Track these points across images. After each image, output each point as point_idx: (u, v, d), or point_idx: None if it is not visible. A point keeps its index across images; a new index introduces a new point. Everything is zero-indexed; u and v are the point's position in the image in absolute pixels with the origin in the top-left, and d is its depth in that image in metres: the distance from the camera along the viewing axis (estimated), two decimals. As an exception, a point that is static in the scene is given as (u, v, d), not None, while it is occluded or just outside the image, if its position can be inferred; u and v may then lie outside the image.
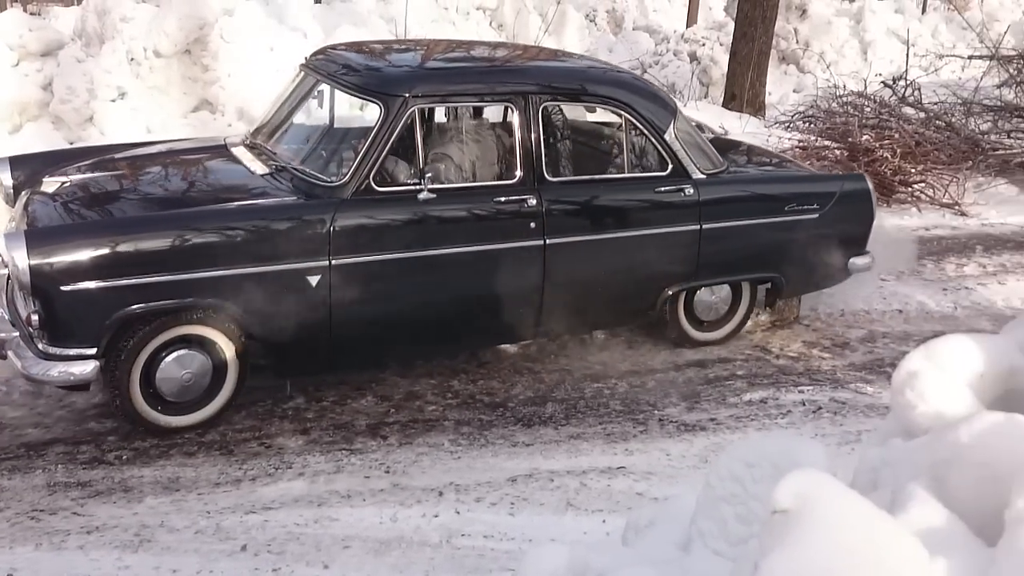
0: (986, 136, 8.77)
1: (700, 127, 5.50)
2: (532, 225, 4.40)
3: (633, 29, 14.08)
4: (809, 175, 5.78)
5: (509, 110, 4.57)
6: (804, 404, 4.58)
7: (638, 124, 4.71)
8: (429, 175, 4.19)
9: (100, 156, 4.81)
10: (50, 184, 4.39)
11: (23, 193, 4.44)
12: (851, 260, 5.28)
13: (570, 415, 4.39)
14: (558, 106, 4.85)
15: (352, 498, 3.66)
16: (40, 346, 3.79)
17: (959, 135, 8.54)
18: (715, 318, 5.16)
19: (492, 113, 5.20)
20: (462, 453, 4.03)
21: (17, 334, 3.90)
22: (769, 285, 5.24)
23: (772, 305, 5.39)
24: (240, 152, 4.68)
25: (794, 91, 12.13)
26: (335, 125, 4.87)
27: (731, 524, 1.90)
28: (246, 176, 4.41)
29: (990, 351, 1.32)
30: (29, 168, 4.67)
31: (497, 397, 4.54)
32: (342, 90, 4.57)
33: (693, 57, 12.33)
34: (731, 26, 10.82)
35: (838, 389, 4.75)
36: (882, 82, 9.91)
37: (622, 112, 4.70)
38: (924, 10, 15.81)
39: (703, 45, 12.27)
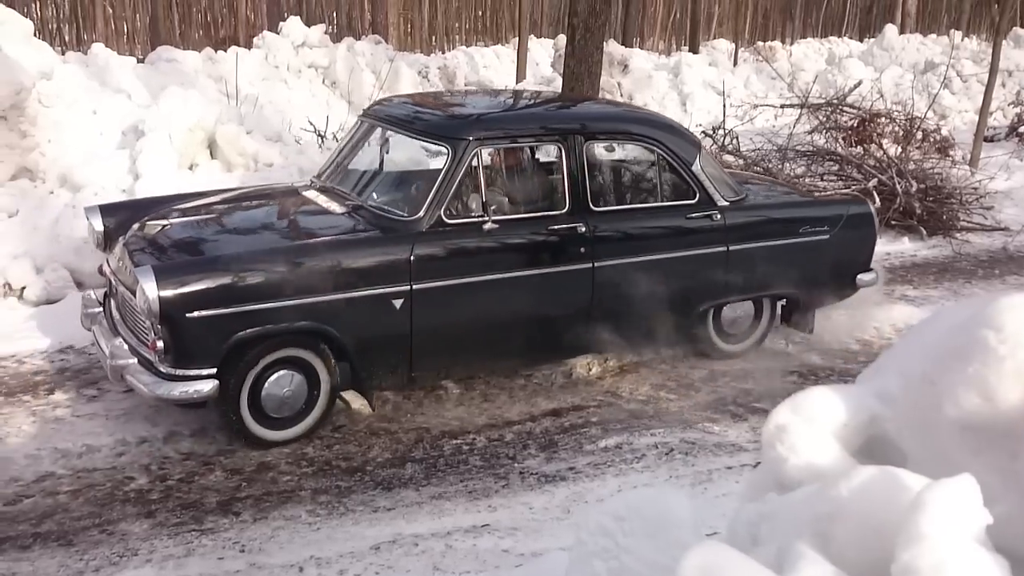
0: (801, 179, 9.38)
1: None
2: (582, 250, 4.95)
3: (465, 85, 14.33)
4: (819, 200, 6.48)
5: (558, 148, 5.05)
6: (657, 447, 4.70)
7: (668, 158, 5.29)
8: (492, 207, 4.74)
9: (184, 203, 5.26)
10: (152, 227, 4.82)
11: (120, 238, 4.86)
12: (859, 276, 5.86)
13: (431, 474, 4.34)
14: (599, 143, 5.37)
15: (206, 582, 3.46)
16: (162, 368, 4.21)
17: (777, 180, 9.09)
18: (739, 332, 5.75)
19: (543, 151, 5.66)
20: (321, 524, 3.89)
21: (135, 360, 4.33)
22: (784, 301, 5.79)
23: (788, 320, 5.88)
24: (312, 195, 5.25)
25: (624, 141, 12.59)
26: (401, 167, 5.60)
27: (606, 580, 1.91)
28: (327, 214, 4.93)
29: (851, 401, 1.39)
30: (118, 216, 5.13)
31: (354, 461, 4.43)
32: (411, 136, 5.17)
33: (526, 110, 12.63)
34: (559, 81, 11.16)
35: (687, 430, 4.90)
36: (703, 132, 10.45)
37: (654, 148, 5.29)
38: (736, 63, 16.85)
39: (535, 99, 12.60)
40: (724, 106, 11.50)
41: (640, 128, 5.35)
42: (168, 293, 4.09)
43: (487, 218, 4.67)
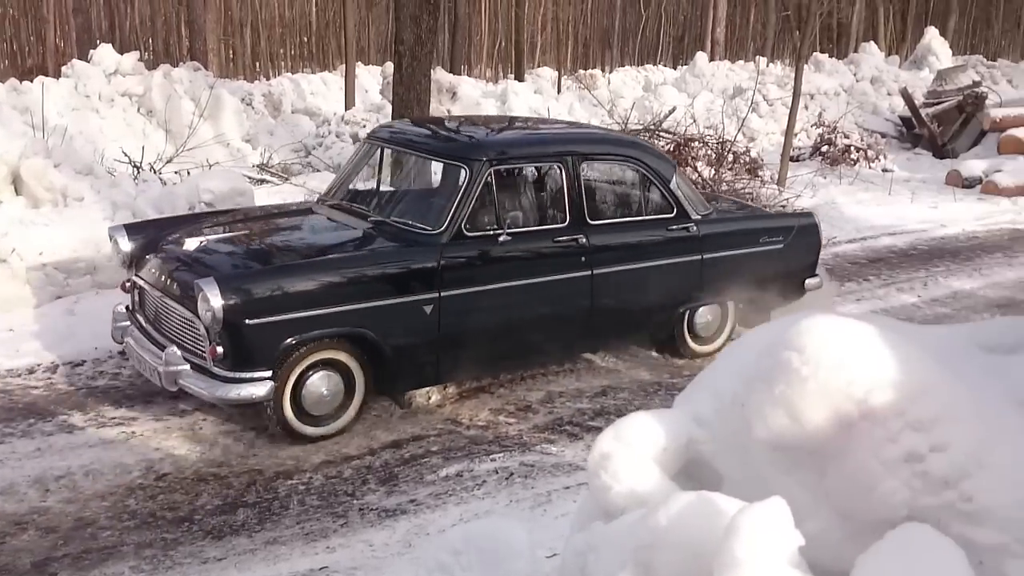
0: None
1: None
2: (582, 259, 5.50)
3: (292, 112, 14.04)
4: (774, 214, 7.49)
5: (558, 168, 5.57)
6: (497, 472, 4.70)
7: (650, 176, 5.89)
8: (506, 221, 5.26)
9: (210, 221, 5.67)
10: (191, 243, 5.12)
11: (152, 254, 5.19)
12: (806, 281, 6.50)
13: (264, 519, 4.17)
14: (592, 164, 5.90)
15: (18, 656, 3.19)
16: (221, 372, 4.57)
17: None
18: (709, 334, 6.26)
19: (545, 171, 6.03)
20: (147, 580, 3.67)
21: (187, 366, 4.66)
22: (741, 305, 6.30)
23: (744, 321, 6.34)
24: (329, 212, 5.67)
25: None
26: (418, 186, 6.15)
27: (446, 617, 1.88)
28: (352, 230, 5.38)
29: (669, 425, 1.42)
30: (144, 234, 5.44)
31: (181, 511, 4.21)
32: (428, 157, 5.81)
33: (355, 138, 12.51)
34: (389, 108, 11.13)
35: (526, 453, 4.94)
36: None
37: (638, 167, 5.90)
38: (560, 90, 17.29)
39: (364, 127, 12.50)
40: (550, 131, 11.75)
41: (626, 150, 6.01)
42: (231, 301, 4.48)
43: (501, 231, 5.20)
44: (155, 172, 9.35)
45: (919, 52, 20.42)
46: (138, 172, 9.02)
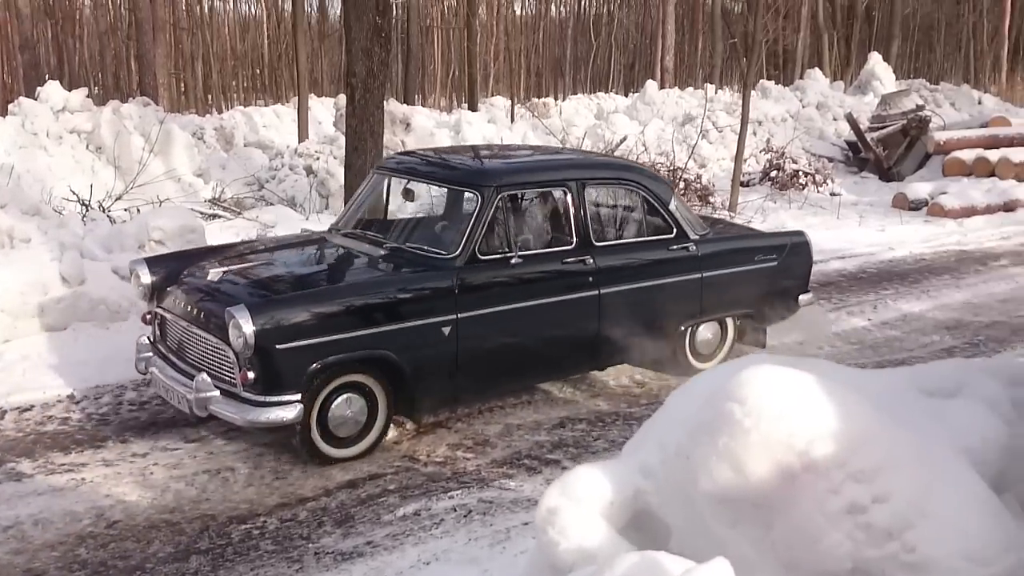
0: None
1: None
2: (590, 279, 5.73)
3: (245, 145, 13.96)
4: (766, 233, 7.63)
5: (564, 193, 5.80)
6: (455, 510, 4.66)
7: (650, 199, 6.12)
8: (517, 244, 5.47)
9: (228, 252, 5.86)
10: (215, 274, 5.25)
11: (174, 286, 5.36)
12: (800, 296, 6.74)
13: (217, 566, 4.09)
14: (595, 187, 6.08)
15: None
16: (251, 397, 4.73)
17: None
18: (709, 351, 6.46)
19: (551, 195, 6.16)
20: (97, 634, 3.57)
21: (217, 392, 4.81)
22: (739, 321, 6.56)
23: (742, 338, 6.60)
24: (342, 240, 5.89)
25: (409, 198, 12.67)
26: (430, 213, 6.40)
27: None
28: (369, 256, 5.55)
29: (616, 478, 1.42)
30: (164, 267, 5.60)
31: (133, 559, 4.11)
32: (439, 185, 5.99)
33: (309, 171, 12.46)
34: (342, 140, 11.11)
35: (484, 489, 4.91)
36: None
37: (639, 190, 6.11)
38: (513, 119, 17.40)
39: (317, 159, 12.46)
40: (504, 161, 11.81)
41: (626, 174, 6.25)
42: (262, 327, 4.65)
43: (513, 254, 5.43)
44: (104, 210, 9.22)
45: (863, 77, 20.90)
46: (87, 211, 8.89)
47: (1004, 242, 11.56)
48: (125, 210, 9.46)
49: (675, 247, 6.14)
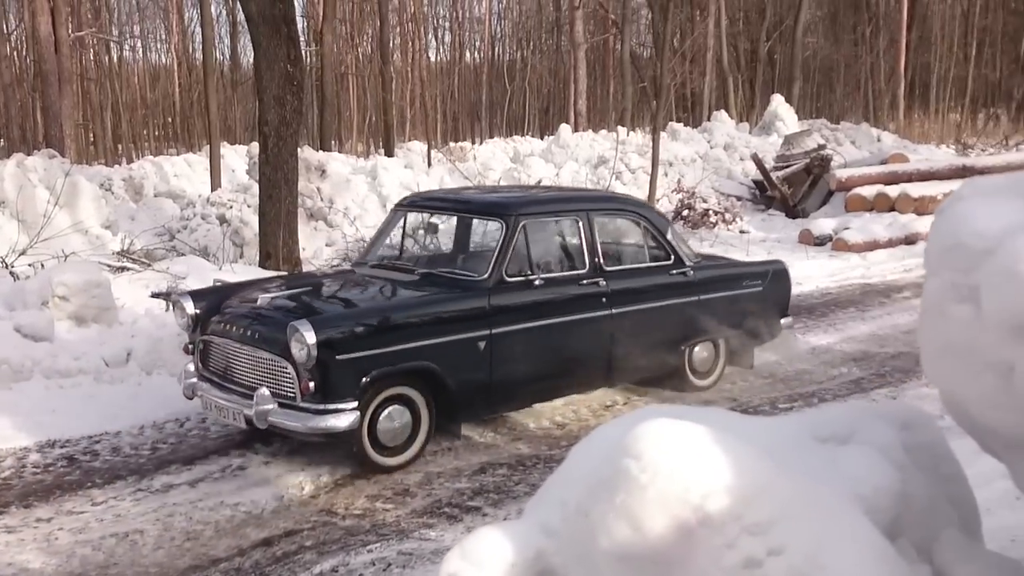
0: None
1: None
2: (603, 300, 6.36)
3: (155, 196, 13.69)
4: (749, 261, 8.46)
5: (576, 222, 6.45)
6: (374, 564, 4.58)
7: (650, 228, 6.81)
8: (539, 267, 6.12)
9: (268, 284, 6.31)
10: (263, 299, 5.80)
11: (217, 316, 5.85)
12: (782, 320, 7.43)
13: (127, 636, 3.93)
14: (603, 218, 6.71)
15: None
16: (310, 406, 5.21)
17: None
18: (705, 369, 7.11)
19: (566, 225, 6.69)
20: None
21: (275, 405, 5.28)
22: (732, 342, 7.16)
23: (732, 357, 7.24)
24: (371, 271, 6.47)
25: (327, 245, 12.57)
26: (456, 242, 6.98)
27: None
28: (403, 282, 6.13)
29: (517, 538, 1.41)
30: (207, 300, 6.05)
31: (35, 634, 3.92)
32: (467, 216, 6.71)
33: (223, 220, 12.28)
34: (256, 188, 10.99)
35: (404, 540, 4.83)
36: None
37: (640, 221, 6.81)
38: (430, 163, 17.47)
39: (231, 208, 12.29)
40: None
41: (629, 206, 7.03)
42: (324, 338, 5.14)
43: (535, 276, 6.05)
44: (7, 266, 8.91)
45: (767, 118, 21.62)
46: (-13, 266, 8.58)
47: (906, 274, 12.00)
48: (29, 265, 9.16)
49: (674, 272, 6.80)
